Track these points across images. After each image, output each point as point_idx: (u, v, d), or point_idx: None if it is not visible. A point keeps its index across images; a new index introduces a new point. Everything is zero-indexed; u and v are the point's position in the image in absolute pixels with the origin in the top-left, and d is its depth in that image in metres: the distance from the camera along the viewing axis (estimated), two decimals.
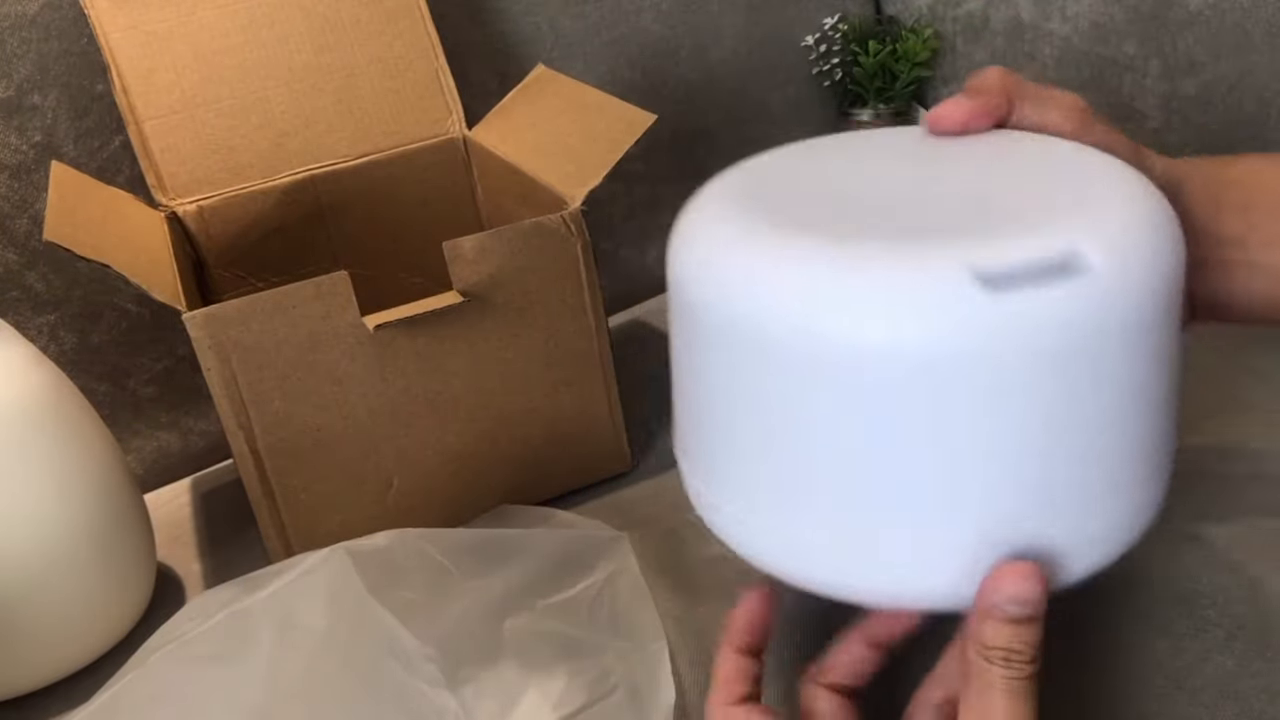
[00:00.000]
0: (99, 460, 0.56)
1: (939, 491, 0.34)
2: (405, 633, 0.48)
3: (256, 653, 0.48)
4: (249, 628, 0.49)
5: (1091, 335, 0.33)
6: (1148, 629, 0.50)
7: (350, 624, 0.49)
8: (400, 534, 0.53)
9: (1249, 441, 0.61)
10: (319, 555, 0.51)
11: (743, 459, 0.37)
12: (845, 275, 0.33)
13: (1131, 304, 0.33)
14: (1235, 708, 0.45)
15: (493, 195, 0.73)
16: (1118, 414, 0.35)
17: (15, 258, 0.69)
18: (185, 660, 0.48)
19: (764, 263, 0.35)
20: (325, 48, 0.71)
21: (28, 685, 0.55)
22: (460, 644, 0.48)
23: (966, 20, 0.92)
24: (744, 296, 0.35)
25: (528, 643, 0.49)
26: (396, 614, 0.49)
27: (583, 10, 0.85)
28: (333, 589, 0.50)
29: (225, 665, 0.48)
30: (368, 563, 0.51)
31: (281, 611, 0.49)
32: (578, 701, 0.46)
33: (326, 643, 0.48)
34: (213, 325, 0.52)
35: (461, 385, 0.59)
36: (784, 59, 0.94)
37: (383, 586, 0.50)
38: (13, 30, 0.67)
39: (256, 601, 0.50)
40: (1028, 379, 0.32)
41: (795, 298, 0.33)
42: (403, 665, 0.47)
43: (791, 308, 0.33)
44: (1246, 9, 0.72)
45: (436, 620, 0.49)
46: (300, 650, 0.48)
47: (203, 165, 0.68)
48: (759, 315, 0.34)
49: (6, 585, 0.52)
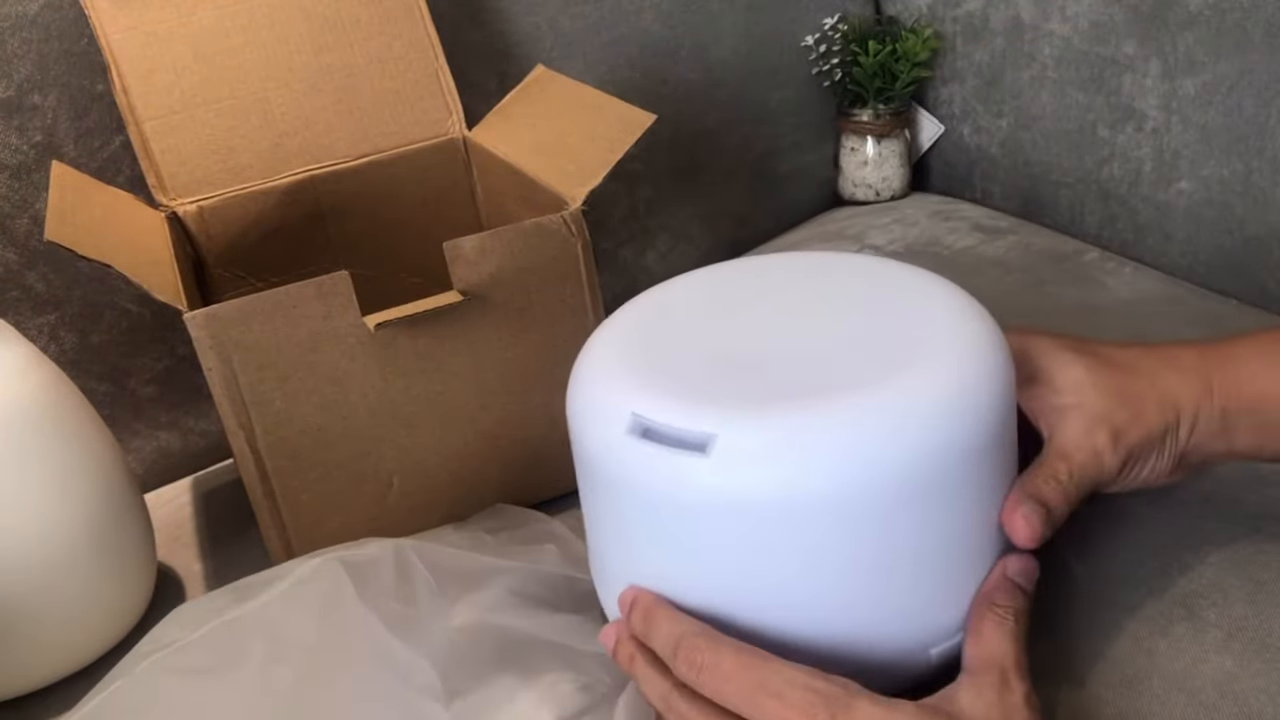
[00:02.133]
0: (99, 460, 0.56)
1: None
2: (399, 644, 0.48)
3: (246, 665, 0.47)
4: (239, 639, 0.48)
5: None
6: (1147, 630, 0.50)
7: (342, 636, 0.48)
8: (395, 544, 0.53)
9: None
10: (311, 565, 0.51)
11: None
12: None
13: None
14: (1234, 708, 0.45)
15: (492, 195, 0.73)
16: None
17: (15, 258, 0.69)
18: (173, 671, 0.48)
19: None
20: (325, 48, 0.71)
21: (28, 685, 0.55)
22: (453, 655, 0.48)
23: (966, 20, 0.92)
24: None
25: (519, 652, 0.49)
26: (390, 625, 0.49)
27: (583, 10, 0.85)
28: (324, 600, 0.50)
29: (214, 677, 0.47)
30: (360, 573, 0.51)
31: (272, 623, 0.49)
32: (570, 709, 0.46)
33: (317, 655, 0.48)
34: (214, 325, 0.52)
35: (462, 385, 0.59)
36: (784, 59, 0.94)
37: (375, 597, 0.50)
38: (13, 30, 0.67)
39: (247, 612, 0.49)
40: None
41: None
42: (395, 676, 0.47)
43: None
44: (1246, 9, 0.72)
45: (430, 631, 0.49)
46: (290, 663, 0.47)
47: (203, 165, 0.68)
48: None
49: (7, 585, 0.52)
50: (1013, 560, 0.45)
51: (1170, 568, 0.53)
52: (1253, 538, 0.54)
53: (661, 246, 0.92)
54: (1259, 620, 0.49)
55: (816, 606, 0.42)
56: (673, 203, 0.91)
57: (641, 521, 0.43)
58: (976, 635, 0.43)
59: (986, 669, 0.41)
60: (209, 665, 0.48)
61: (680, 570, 0.43)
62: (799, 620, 0.42)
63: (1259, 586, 0.51)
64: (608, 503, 0.45)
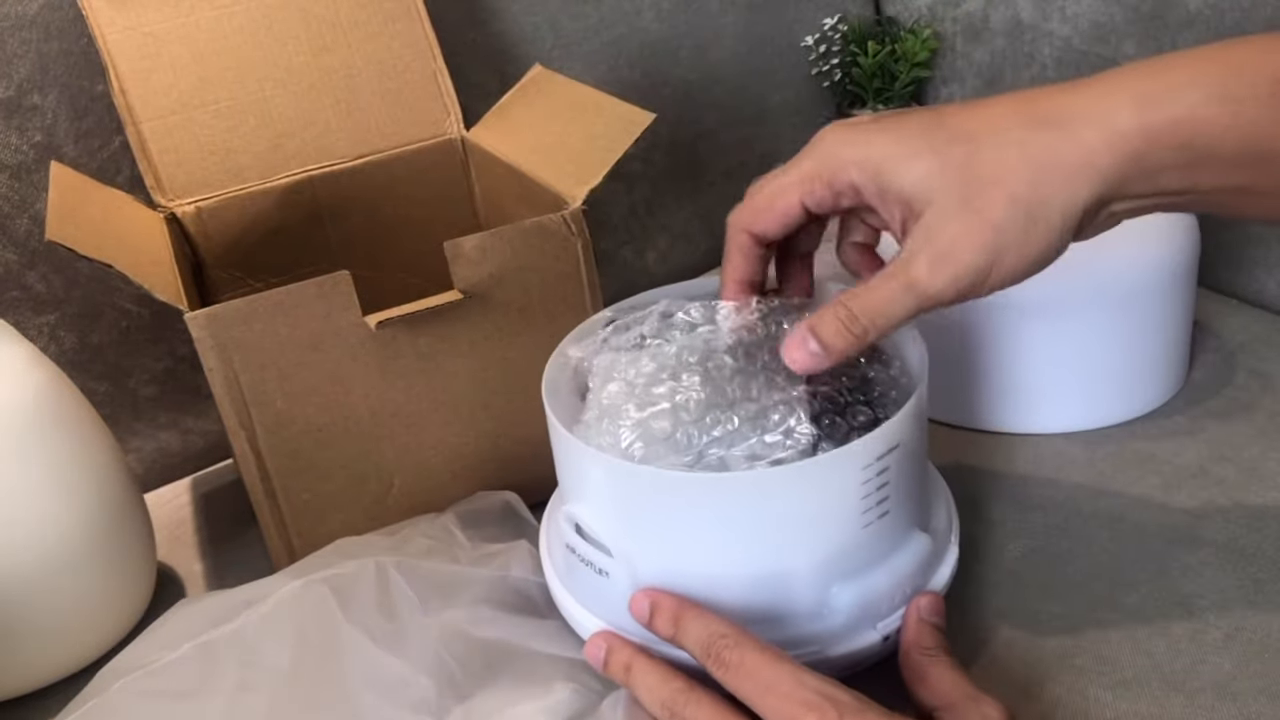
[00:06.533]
0: (99, 460, 0.56)
1: None
2: (392, 659, 0.48)
3: (220, 690, 0.47)
4: (214, 662, 0.48)
5: None
6: (1146, 631, 0.50)
7: (326, 658, 0.48)
8: (375, 561, 0.52)
9: (1249, 443, 0.61)
10: (292, 588, 0.51)
11: None
12: None
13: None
14: (1233, 709, 0.45)
15: (491, 196, 0.73)
16: None
17: (15, 258, 0.68)
18: (147, 694, 0.48)
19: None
20: (323, 49, 0.70)
21: (28, 685, 0.55)
22: (444, 667, 0.48)
23: (966, 20, 0.92)
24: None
25: (509, 660, 0.49)
26: (378, 641, 0.48)
27: (583, 10, 0.85)
28: (306, 623, 0.49)
29: (187, 701, 0.47)
30: (343, 593, 0.50)
31: (249, 648, 0.49)
32: (567, 712, 0.46)
33: (293, 679, 0.47)
34: (215, 325, 0.52)
35: (463, 385, 0.59)
36: (784, 59, 0.94)
37: (361, 615, 0.50)
38: (13, 30, 0.67)
39: (223, 634, 0.49)
40: None
41: None
42: (383, 695, 0.47)
43: None
44: (1246, 9, 0.72)
45: (419, 644, 0.49)
46: (264, 690, 0.47)
47: (201, 166, 0.68)
48: None
49: (6, 585, 0.52)
50: (922, 603, 0.46)
51: (1170, 568, 0.53)
52: (1253, 538, 0.54)
53: (661, 246, 0.92)
54: (1259, 621, 0.49)
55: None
56: (673, 203, 0.91)
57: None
58: (923, 681, 0.44)
59: (953, 704, 0.42)
60: (183, 689, 0.48)
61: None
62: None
63: (1259, 586, 0.51)
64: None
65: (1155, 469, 0.60)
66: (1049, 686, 0.48)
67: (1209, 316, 0.73)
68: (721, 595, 0.45)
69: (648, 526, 0.46)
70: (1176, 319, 0.64)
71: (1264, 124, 0.39)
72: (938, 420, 0.66)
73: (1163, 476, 0.59)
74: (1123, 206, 0.42)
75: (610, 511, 0.47)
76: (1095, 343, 0.62)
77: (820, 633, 0.46)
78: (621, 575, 0.47)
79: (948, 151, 0.41)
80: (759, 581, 0.45)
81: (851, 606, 0.45)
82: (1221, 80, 0.39)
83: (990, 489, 0.60)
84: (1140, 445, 0.62)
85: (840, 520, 0.44)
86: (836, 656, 0.45)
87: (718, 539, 0.44)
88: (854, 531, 0.45)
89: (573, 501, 0.49)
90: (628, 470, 0.44)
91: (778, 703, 0.39)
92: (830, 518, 0.44)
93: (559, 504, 0.51)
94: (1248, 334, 0.71)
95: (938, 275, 0.41)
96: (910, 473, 0.46)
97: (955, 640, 0.46)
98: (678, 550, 0.45)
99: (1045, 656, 0.49)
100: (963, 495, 0.55)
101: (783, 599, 0.45)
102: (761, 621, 0.45)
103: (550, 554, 0.52)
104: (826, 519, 0.44)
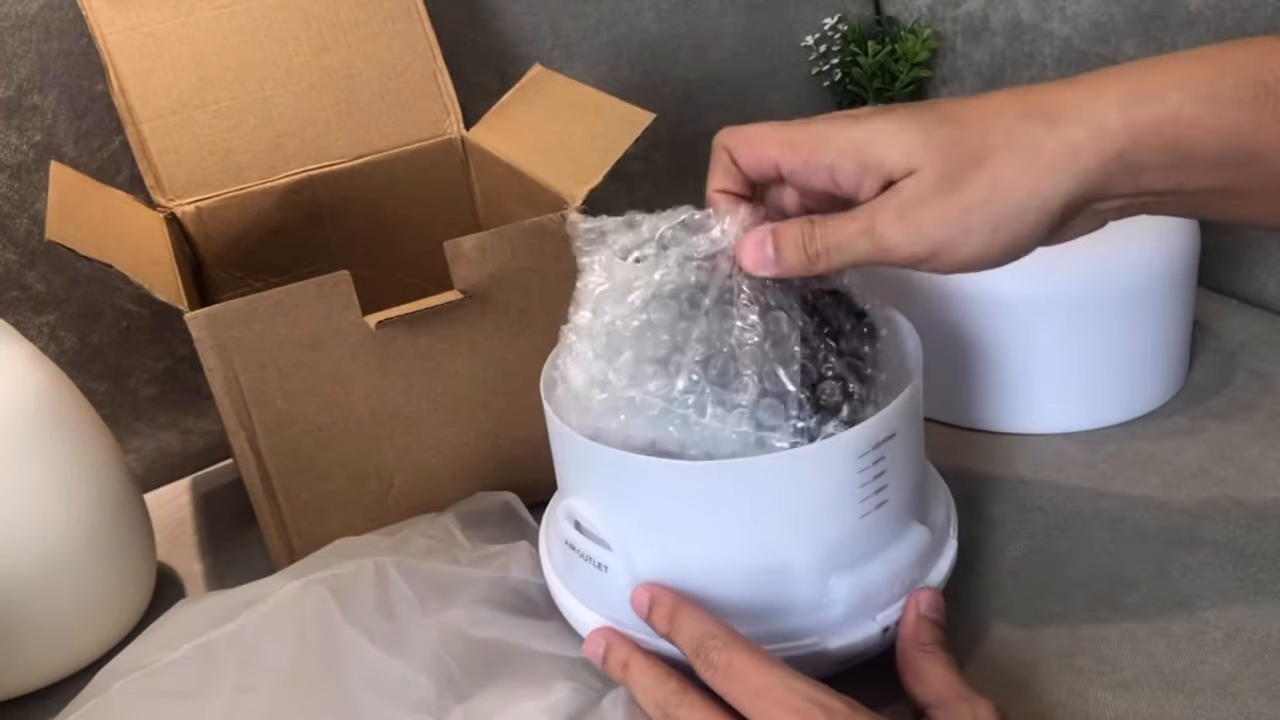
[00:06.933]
0: (99, 460, 0.56)
1: None
2: (392, 659, 0.48)
3: (219, 690, 0.47)
4: (214, 663, 0.48)
5: None
6: (1146, 631, 0.50)
7: (325, 659, 0.48)
8: (375, 561, 0.52)
9: (1249, 443, 0.61)
10: (291, 588, 0.51)
11: None
12: None
13: None
14: (1233, 709, 0.45)
15: (491, 195, 0.73)
16: None
17: (15, 258, 0.69)
18: (147, 694, 0.48)
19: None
20: (323, 49, 0.70)
21: (28, 685, 0.55)
22: (444, 667, 0.48)
23: (966, 20, 0.92)
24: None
25: (509, 660, 0.49)
26: (378, 642, 0.48)
27: (583, 10, 0.85)
28: (306, 624, 0.49)
29: (187, 701, 0.47)
30: (343, 594, 0.50)
31: (248, 647, 0.49)
32: (568, 711, 0.46)
33: (292, 680, 0.47)
34: (215, 325, 0.52)
35: (463, 385, 0.59)
36: (784, 59, 0.94)
37: (361, 616, 0.50)
38: (13, 30, 0.67)
39: (223, 635, 0.49)
40: None
41: None
42: (383, 695, 0.47)
43: None
44: (1246, 9, 0.72)
45: (419, 644, 0.49)
46: (263, 690, 0.47)
47: (201, 166, 0.68)
48: None
49: (6, 585, 0.52)
50: (922, 598, 0.47)
51: (1170, 568, 0.53)
52: (1253, 538, 0.54)
53: None
54: (1259, 621, 0.49)
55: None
56: (673, 202, 0.91)
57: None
58: (917, 677, 0.44)
59: (945, 702, 0.42)
60: (183, 689, 0.48)
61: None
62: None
63: (1259, 586, 0.51)
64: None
65: (1155, 469, 0.60)
66: (1049, 686, 0.48)
67: (1209, 316, 0.73)
68: (721, 586, 0.45)
69: (645, 517, 0.46)
70: (1176, 319, 0.64)
71: (1246, 126, 0.39)
72: (937, 420, 0.66)
73: (1163, 476, 0.59)
74: (1107, 206, 0.42)
75: (608, 504, 0.47)
76: (1095, 343, 0.62)
77: (819, 624, 0.46)
78: (620, 569, 0.47)
79: (935, 131, 0.41)
80: (758, 572, 0.45)
81: (850, 597, 0.45)
82: (1208, 81, 0.39)
83: (990, 489, 0.60)
84: (1140, 445, 0.62)
85: (838, 510, 0.44)
86: (836, 649, 0.45)
87: (715, 528, 0.45)
88: (852, 521, 0.45)
89: (571, 496, 0.49)
90: (624, 460, 0.44)
91: (767, 707, 0.39)
92: (828, 507, 0.44)
93: (559, 502, 0.51)
94: (1248, 334, 0.71)
95: (896, 229, 0.41)
96: (907, 464, 0.47)
97: (954, 639, 0.46)
98: (676, 541, 0.45)
99: (1045, 656, 0.49)
100: (962, 495, 0.55)
101: (782, 590, 0.45)
102: (762, 613, 0.45)
103: (549, 552, 0.52)
104: (824, 508, 0.44)
